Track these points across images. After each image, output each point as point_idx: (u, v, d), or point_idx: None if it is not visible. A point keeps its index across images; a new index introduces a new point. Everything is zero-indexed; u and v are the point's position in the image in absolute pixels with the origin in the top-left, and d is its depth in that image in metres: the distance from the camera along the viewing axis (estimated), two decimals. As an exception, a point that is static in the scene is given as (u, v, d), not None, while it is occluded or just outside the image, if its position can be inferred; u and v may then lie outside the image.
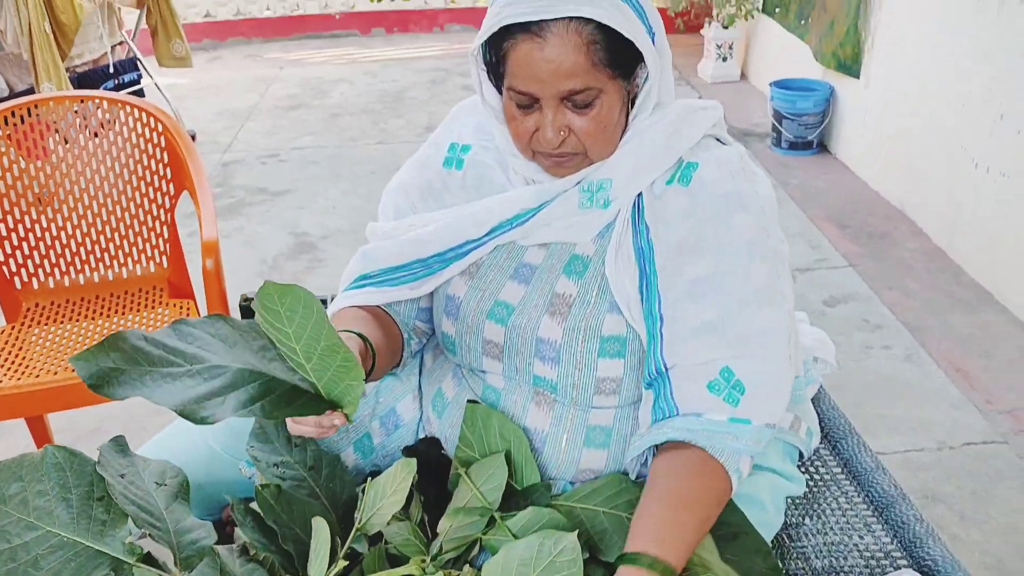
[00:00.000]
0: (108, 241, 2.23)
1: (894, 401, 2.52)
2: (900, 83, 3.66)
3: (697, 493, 1.01)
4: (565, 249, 1.16)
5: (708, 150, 1.12)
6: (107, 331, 2.06)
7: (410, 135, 4.96)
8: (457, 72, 6.23)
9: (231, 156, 4.73)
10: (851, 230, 3.59)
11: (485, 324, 1.16)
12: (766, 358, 1.06)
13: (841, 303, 3.05)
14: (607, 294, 1.11)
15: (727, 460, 1.03)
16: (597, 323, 1.10)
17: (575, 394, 1.12)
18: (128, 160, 2.20)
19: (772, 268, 1.08)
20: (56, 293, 2.21)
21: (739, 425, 1.03)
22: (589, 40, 1.01)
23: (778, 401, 1.07)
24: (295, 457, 1.12)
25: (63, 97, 2.25)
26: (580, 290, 1.12)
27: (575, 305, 1.12)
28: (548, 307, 1.13)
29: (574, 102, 1.04)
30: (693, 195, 1.08)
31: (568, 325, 1.11)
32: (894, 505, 1.27)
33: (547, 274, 1.15)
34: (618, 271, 1.10)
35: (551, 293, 1.14)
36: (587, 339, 1.10)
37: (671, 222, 1.09)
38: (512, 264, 1.18)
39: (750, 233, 1.07)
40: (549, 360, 1.12)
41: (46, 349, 1.99)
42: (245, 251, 3.60)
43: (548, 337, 1.12)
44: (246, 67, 6.66)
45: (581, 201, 1.12)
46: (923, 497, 2.15)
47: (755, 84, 5.38)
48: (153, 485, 0.99)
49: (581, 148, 1.09)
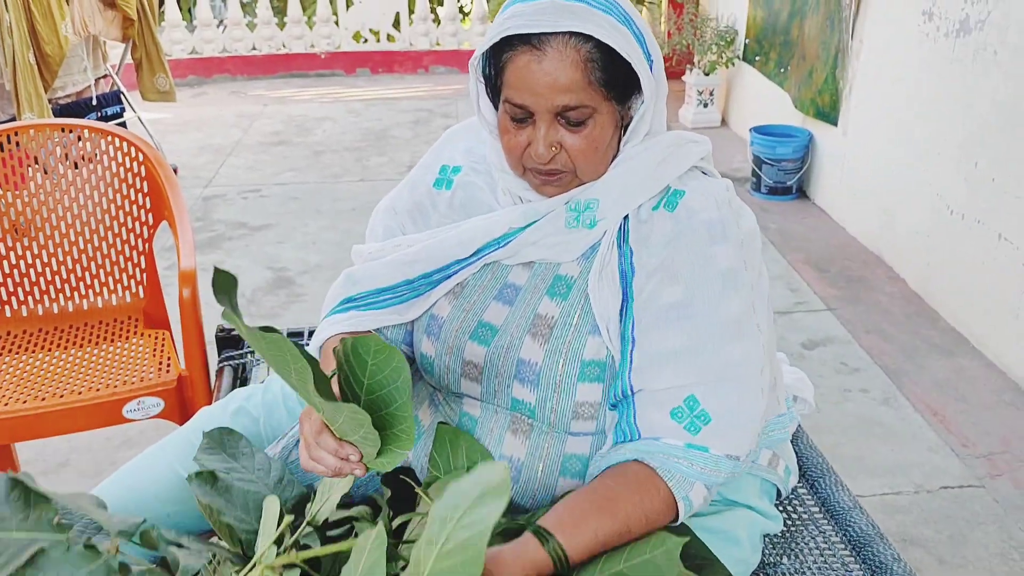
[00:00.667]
0: (84, 270, 2.20)
1: (871, 444, 2.52)
2: (877, 130, 3.72)
3: (626, 504, 1.00)
4: (549, 269, 1.16)
5: (696, 179, 1.13)
6: (80, 361, 2.03)
7: (392, 173, 4.98)
8: (440, 113, 6.28)
9: (212, 191, 4.72)
10: (829, 274, 3.62)
11: (467, 345, 1.15)
12: (733, 390, 1.05)
13: (820, 346, 3.06)
14: (589, 316, 1.11)
15: (675, 484, 1.02)
16: (579, 346, 1.10)
17: (553, 419, 1.11)
18: (107, 190, 2.18)
19: (747, 301, 1.08)
20: (29, 322, 2.18)
21: (695, 452, 1.03)
22: (587, 58, 1.02)
23: (744, 434, 1.06)
24: (242, 463, 1.11)
25: (44, 125, 2.24)
26: (562, 312, 1.12)
27: (557, 327, 1.11)
28: (530, 328, 1.12)
29: (568, 119, 1.05)
30: (677, 220, 1.09)
31: (550, 347, 1.10)
32: (872, 544, 1.26)
33: (530, 295, 1.15)
34: (601, 291, 1.10)
35: (533, 314, 1.13)
36: (568, 362, 1.09)
37: (653, 247, 1.09)
38: (496, 285, 1.18)
39: (727, 263, 1.07)
40: (528, 382, 1.11)
41: (16, 378, 1.95)
42: (223, 285, 3.58)
43: (529, 359, 1.11)
44: (230, 103, 6.68)
45: (568, 220, 1.12)
46: (901, 540, 2.14)
47: (735, 130, 5.45)
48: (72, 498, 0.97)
49: (571, 166, 1.09)
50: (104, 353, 2.07)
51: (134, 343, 2.10)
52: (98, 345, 2.11)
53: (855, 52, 3.86)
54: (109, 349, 2.09)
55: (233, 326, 0.84)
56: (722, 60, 5.34)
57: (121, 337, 2.14)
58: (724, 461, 1.04)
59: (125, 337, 2.14)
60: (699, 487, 1.03)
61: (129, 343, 2.10)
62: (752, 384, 1.06)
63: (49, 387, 1.90)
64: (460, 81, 7.26)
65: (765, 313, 1.12)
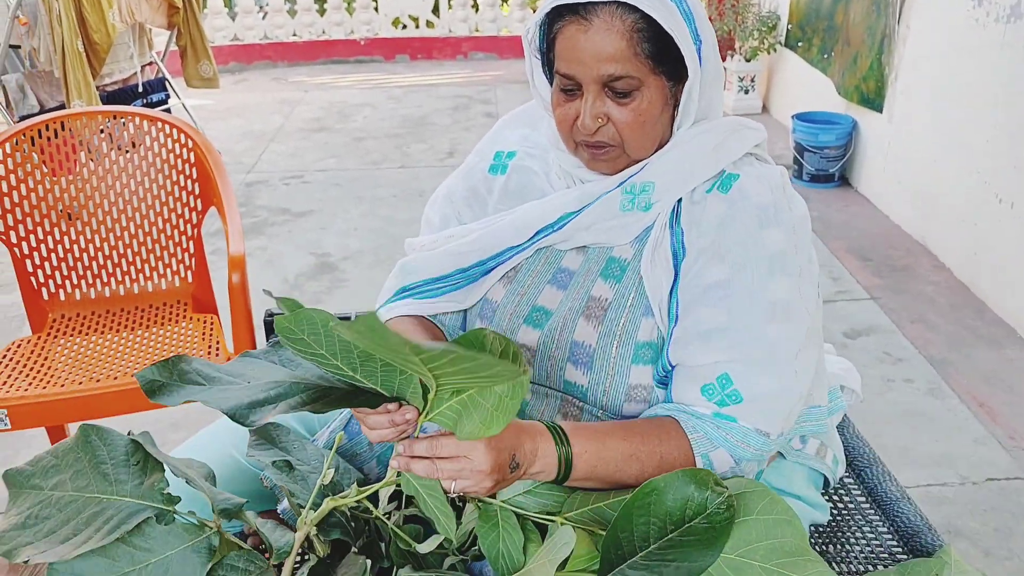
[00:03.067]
0: (135, 255, 2.25)
1: (916, 435, 2.50)
2: (923, 117, 3.66)
3: (646, 439, 1.03)
4: (603, 252, 1.16)
5: (751, 165, 1.13)
6: (131, 343, 2.07)
7: (432, 160, 5.00)
8: (479, 99, 6.28)
9: (255, 176, 4.77)
10: (872, 263, 3.58)
11: (521, 328, 1.16)
12: (769, 371, 1.05)
13: (862, 335, 3.04)
14: (643, 298, 1.11)
15: (696, 441, 1.04)
16: (632, 328, 1.10)
17: (605, 401, 1.12)
18: (157, 176, 2.22)
19: (795, 285, 1.08)
20: (82, 305, 2.23)
21: (723, 420, 1.05)
22: (633, 28, 1.03)
23: (776, 415, 1.07)
24: (295, 455, 1.13)
25: (95, 112, 2.28)
26: (616, 294, 1.13)
27: (611, 309, 1.12)
28: (584, 311, 1.13)
29: (614, 89, 1.06)
30: (731, 203, 1.09)
31: (603, 329, 1.11)
32: (920, 536, 1.25)
33: (584, 278, 1.16)
34: (654, 272, 1.11)
35: (587, 297, 1.14)
36: (622, 344, 1.10)
37: (704, 228, 1.09)
38: (550, 269, 1.19)
39: (778, 247, 1.07)
40: (582, 365, 1.12)
41: (70, 360, 2.00)
42: (267, 270, 3.63)
43: (583, 341, 1.12)
44: (272, 90, 6.74)
45: (623, 203, 1.13)
46: (946, 532, 2.12)
47: (776, 117, 5.39)
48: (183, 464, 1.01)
49: (618, 140, 1.10)
50: (155, 336, 2.11)
51: (183, 327, 2.14)
52: (148, 329, 2.16)
53: (902, 37, 3.80)
54: (159, 333, 2.13)
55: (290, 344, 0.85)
56: (764, 46, 5.28)
57: (171, 321, 2.18)
58: (753, 434, 1.04)
59: (175, 321, 2.18)
60: (722, 453, 1.04)
61: (179, 327, 2.15)
62: (787, 368, 1.06)
63: (103, 369, 1.95)
64: (499, 67, 7.26)
65: (813, 299, 1.12)
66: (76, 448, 0.94)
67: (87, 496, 0.90)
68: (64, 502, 0.90)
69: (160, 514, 0.89)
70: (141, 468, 0.92)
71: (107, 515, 0.88)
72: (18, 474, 0.93)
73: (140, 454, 0.93)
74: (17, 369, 1.94)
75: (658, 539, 0.89)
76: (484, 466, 0.93)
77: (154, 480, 0.91)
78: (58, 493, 0.91)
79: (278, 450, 1.14)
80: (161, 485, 0.91)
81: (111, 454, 0.93)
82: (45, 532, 0.87)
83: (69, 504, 0.90)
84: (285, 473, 1.05)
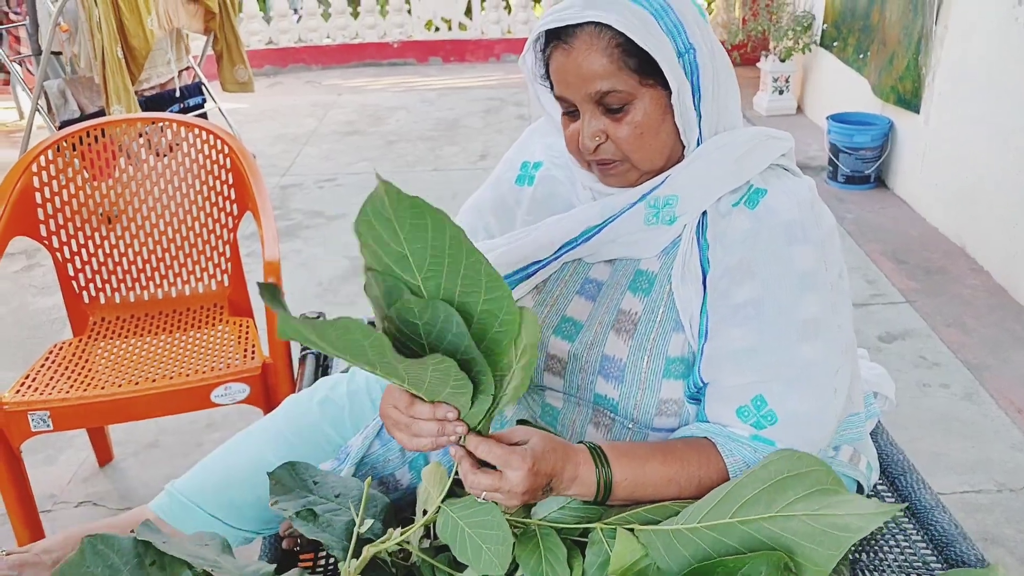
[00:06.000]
0: (172, 259, 2.29)
1: (952, 440, 2.47)
2: (961, 117, 3.62)
3: (685, 463, 1.04)
4: (630, 265, 1.17)
5: (779, 178, 1.12)
6: (169, 346, 2.11)
7: (465, 163, 5.02)
8: (512, 102, 6.30)
9: (289, 180, 4.82)
10: (908, 266, 3.54)
11: (551, 340, 1.17)
12: (804, 391, 1.05)
13: (898, 339, 3.00)
14: (673, 312, 1.11)
15: (732, 464, 1.05)
16: (663, 343, 1.11)
17: (636, 414, 1.12)
18: (194, 181, 2.26)
19: (826, 301, 1.07)
20: (122, 308, 2.27)
21: (761, 443, 1.05)
22: (612, 44, 1.04)
23: (813, 434, 1.07)
24: (319, 493, 1.12)
25: (134, 119, 2.33)
26: (646, 308, 1.13)
27: (641, 323, 1.12)
28: (614, 324, 1.14)
29: (606, 106, 1.07)
30: (758, 219, 1.08)
31: (634, 344, 1.12)
32: (954, 544, 1.24)
33: (613, 290, 1.16)
34: (685, 289, 1.11)
35: (617, 310, 1.14)
36: (652, 358, 1.11)
37: (730, 244, 1.09)
38: (578, 280, 1.19)
39: (807, 264, 1.07)
40: (613, 378, 1.12)
41: (110, 362, 2.04)
42: (301, 273, 3.66)
43: (614, 355, 1.12)
44: (305, 93, 6.81)
45: (647, 217, 1.13)
46: (981, 539, 2.10)
47: (811, 117, 5.34)
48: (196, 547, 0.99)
49: (621, 155, 1.10)
50: (192, 339, 2.14)
51: (220, 330, 2.17)
52: (186, 332, 2.19)
53: (939, 38, 3.76)
54: (196, 336, 2.16)
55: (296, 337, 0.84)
56: (798, 46, 5.24)
57: (208, 324, 2.22)
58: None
59: (211, 324, 2.21)
60: None
61: (215, 330, 2.18)
62: (825, 385, 1.06)
63: (141, 372, 1.99)
64: (531, 69, 7.25)
65: (846, 313, 1.11)
66: (85, 561, 0.89)
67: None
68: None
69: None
70: (159, 568, 0.90)
71: None
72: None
73: (153, 553, 0.90)
74: (59, 372, 1.99)
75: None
76: (519, 488, 0.94)
77: (181, 574, 0.89)
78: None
79: (300, 491, 1.11)
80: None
81: (124, 560, 0.90)
82: None
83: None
84: (311, 523, 1.04)
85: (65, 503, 2.29)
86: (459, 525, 0.96)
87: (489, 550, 0.93)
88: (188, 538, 0.98)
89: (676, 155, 1.13)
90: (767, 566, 0.89)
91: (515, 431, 0.99)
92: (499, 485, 0.94)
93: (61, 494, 2.33)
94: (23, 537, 1.94)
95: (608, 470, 1.01)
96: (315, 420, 1.33)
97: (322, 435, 1.32)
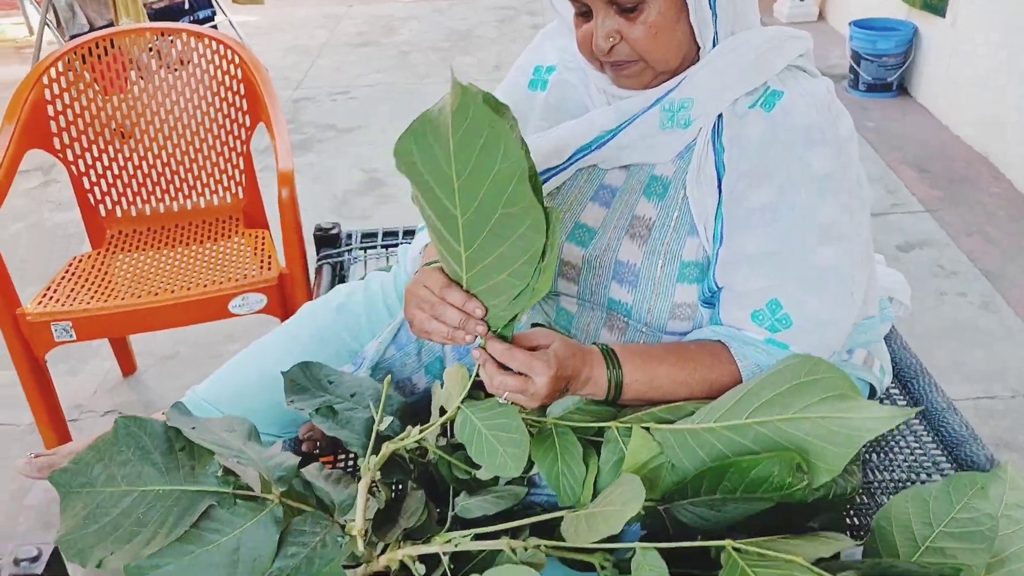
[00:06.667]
0: (187, 172, 2.28)
1: (967, 348, 2.47)
2: (988, 23, 3.51)
3: (697, 364, 1.05)
4: (644, 170, 1.15)
5: (796, 80, 1.09)
6: (187, 258, 2.13)
7: (478, 73, 4.94)
8: (525, 11, 6.16)
9: (301, 93, 4.77)
10: (930, 175, 3.49)
11: (564, 246, 1.17)
12: (819, 295, 1.05)
13: (916, 248, 2.98)
14: (688, 216, 1.11)
15: (745, 367, 1.05)
16: (677, 247, 1.10)
17: (650, 319, 1.13)
18: (206, 93, 2.24)
19: (844, 206, 1.06)
20: (138, 221, 2.28)
21: (775, 347, 1.05)
22: None
23: (828, 339, 1.07)
24: (334, 392, 1.13)
25: (143, 29, 2.29)
26: (660, 212, 1.12)
27: (655, 228, 1.12)
28: (628, 229, 1.13)
29: (620, 5, 1.04)
30: (774, 123, 1.06)
31: (648, 248, 1.11)
32: (964, 445, 1.26)
33: (627, 196, 1.15)
34: (700, 192, 1.09)
35: (631, 216, 1.14)
36: (667, 263, 1.10)
37: (746, 147, 1.07)
38: (592, 187, 1.18)
39: (825, 168, 1.05)
40: (627, 283, 1.12)
41: (130, 274, 2.06)
42: (315, 186, 3.66)
43: (628, 260, 1.12)
44: (315, 4, 6.68)
45: (662, 121, 1.11)
46: (994, 445, 2.12)
47: (833, 24, 5.21)
48: (224, 433, 1.01)
49: (635, 56, 1.08)
50: (208, 252, 2.16)
51: (236, 242, 2.19)
52: (202, 244, 2.20)
53: (968, -63, 3.63)
54: (213, 248, 2.18)
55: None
56: (822, -51, 5.08)
57: (223, 236, 2.23)
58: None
59: (227, 236, 2.22)
60: None
61: (231, 242, 2.19)
62: (841, 289, 1.06)
63: (160, 283, 2.01)
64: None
65: (864, 218, 1.10)
66: (118, 442, 0.93)
67: (142, 489, 0.90)
68: (117, 497, 0.90)
69: (220, 498, 0.89)
70: (188, 454, 0.92)
71: (167, 506, 0.88)
72: (64, 474, 0.91)
73: (183, 439, 0.92)
74: (79, 284, 2.01)
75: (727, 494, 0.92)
76: (542, 392, 0.96)
77: (205, 463, 0.91)
78: (110, 489, 0.90)
79: (314, 391, 1.12)
80: (214, 468, 0.91)
81: (155, 443, 0.92)
82: (108, 530, 0.87)
83: (123, 498, 0.89)
84: (331, 419, 1.05)
85: (91, 412, 2.35)
86: (477, 426, 0.97)
87: (505, 452, 0.95)
88: (217, 422, 1.00)
89: (691, 56, 1.11)
90: (780, 466, 0.91)
91: (536, 334, 1.00)
92: (524, 387, 0.95)
93: (87, 403, 2.38)
94: (52, 444, 2.00)
95: (619, 371, 1.02)
96: (332, 326, 1.34)
97: (339, 341, 1.33)
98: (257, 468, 0.95)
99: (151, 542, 0.86)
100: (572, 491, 0.98)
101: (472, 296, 0.96)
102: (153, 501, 0.90)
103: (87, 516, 0.89)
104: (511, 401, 0.97)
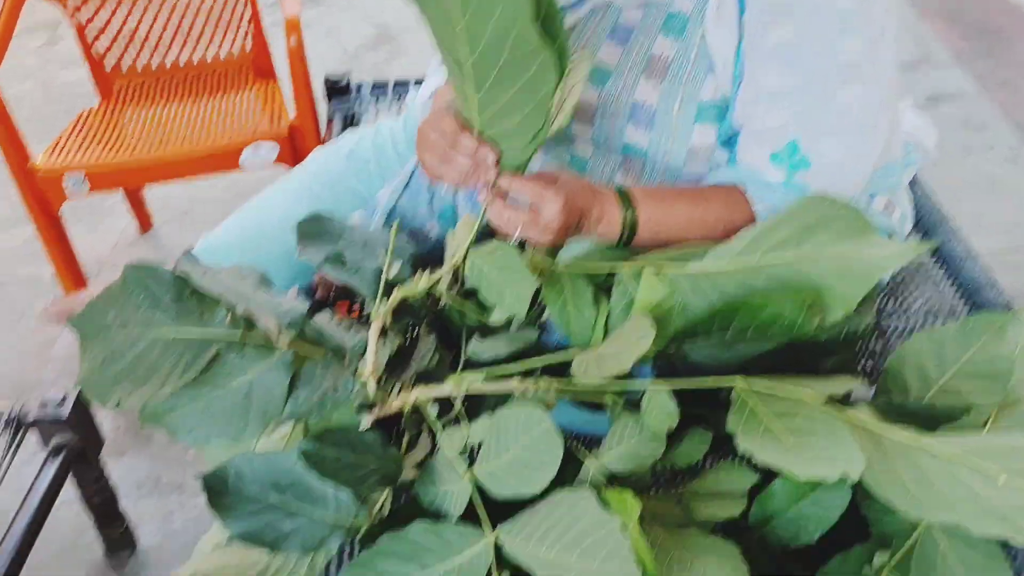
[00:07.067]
0: (192, 23, 2.23)
1: (992, 201, 2.43)
2: None
3: (714, 205, 1.03)
4: (662, 7, 1.10)
5: None
6: (197, 110, 2.10)
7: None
8: None
9: (310, -57, 4.59)
10: (961, 26, 3.35)
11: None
12: (841, 137, 1.02)
13: (944, 102, 2.90)
14: (706, 55, 1.06)
15: (762, 210, 1.03)
16: (695, 86, 1.06)
17: (667, 161, 1.10)
18: (208, -63, 2.16)
19: (870, 45, 1.01)
20: (146, 75, 2.25)
21: (793, 190, 1.02)
22: None
23: (847, 183, 1.04)
24: (343, 243, 1.11)
25: None
26: (678, 51, 1.08)
27: (673, 66, 1.08)
28: (645, 68, 1.09)
29: None
30: None
31: (665, 88, 1.07)
32: (982, 291, 1.25)
33: (644, 35, 1.11)
34: (719, 28, 1.05)
35: (648, 55, 1.09)
36: (684, 103, 1.07)
37: None
38: (608, 25, 1.13)
39: (849, 3, 1.00)
40: (643, 125, 1.09)
41: (140, 126, 2.04)
42: (325, 41, 3.56)
43: (643, 101, 1.08)
44: None
45: None
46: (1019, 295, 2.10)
47: None
48: (235, 279, 1.01)
49: None
50: (218, 104, 2.13)
51: (246, 94, 2.15)
52: (212, 96, 2.17)
53: None
54: (223, 100, 2.15)
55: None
56: None
57: (233, 89, 2.19)
58: None
59: (237, 89, 2.19)
60: None
61: (241, 94, 2.15)
62: (862, 132, 1.02)
63: (172, 135, 1.99)
64: None
65: (889, 59, 1.05)
66: (127, 289, 0.92)
67: (153, 335, 0.89)
68: (131, 341, 0.89)
69: (230, 344, 0.89)
70: (199, 301, 0.91)
71: (178, 351, 0.89)
72: (81, 318, 0.91)
73: (192, 287, 0.92)
74: (89, 136, 2.00)
75: (738, 330, 0.91)
76: (554, 223, 0.93)
77: (215, 310, 0.91)
78: (125, 330, 0.90)
79: (324, 242, 1.10)
80: (222, 314, 0.90)
81: (164, 289, 0.91)
82: (125, 372, 0.88)
83: (136, 343, 0.89)
84: (341, 267, 1.04)
85: (111, 266, 2.37)
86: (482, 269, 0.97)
87: (511, 292, 0.95)
88: (226, 271, 1.00)
89: None
90: (791, 304, 0.90)
91: (543, 173, 0.98)
92: (533, 220, 0.93)
93: (106, 258, 2.40)
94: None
95: (633, 211, 1.00)
96: (342, 173, 1.33)
97: (349, 188, 1.32)
98: (266, 311, 0.95)
99: (164, 385, 0.87)
100: (583, 333, 0.98)
101: (484, 142, 0.93)
102: (165, 346, 0.90)
103: (104, 359, 0.90)
104: (524, 237, 0.95)
